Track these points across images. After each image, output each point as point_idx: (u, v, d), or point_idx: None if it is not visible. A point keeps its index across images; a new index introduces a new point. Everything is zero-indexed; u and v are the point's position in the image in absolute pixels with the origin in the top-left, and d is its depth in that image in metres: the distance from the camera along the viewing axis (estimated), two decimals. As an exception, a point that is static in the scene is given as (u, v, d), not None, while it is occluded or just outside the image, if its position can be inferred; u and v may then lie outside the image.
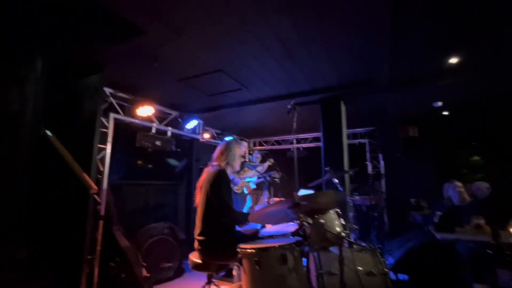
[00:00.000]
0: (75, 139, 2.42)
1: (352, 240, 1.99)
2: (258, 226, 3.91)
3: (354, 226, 2.48)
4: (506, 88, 3.67)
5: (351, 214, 3.43)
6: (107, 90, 3.16)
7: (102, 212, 2.85)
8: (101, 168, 2.98)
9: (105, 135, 3.03)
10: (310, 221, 1.73)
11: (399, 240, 3.82)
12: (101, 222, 2.82)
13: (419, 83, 2.95)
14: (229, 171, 2.46)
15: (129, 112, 3.44)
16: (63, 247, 2.25)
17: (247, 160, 5.36)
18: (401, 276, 3.01)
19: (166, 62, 2.68)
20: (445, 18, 2.12)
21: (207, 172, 2.40)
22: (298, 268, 1.76)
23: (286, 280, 1.68)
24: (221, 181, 2.23)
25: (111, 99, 3.20)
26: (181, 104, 4.01)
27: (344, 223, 2.01)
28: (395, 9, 1.94)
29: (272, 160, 4.47)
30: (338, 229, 1.94)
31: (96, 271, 2.69)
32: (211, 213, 2.16)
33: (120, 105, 3.35)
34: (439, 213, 2.93)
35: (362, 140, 6.25)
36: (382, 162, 6.02)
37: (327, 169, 2.65)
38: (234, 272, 3.17)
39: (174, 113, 4.17)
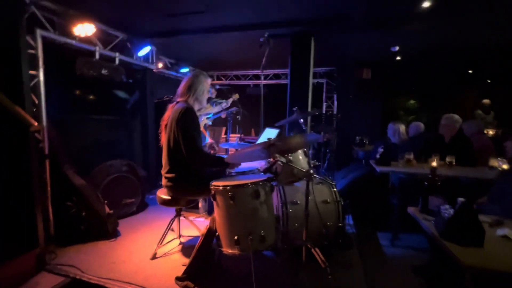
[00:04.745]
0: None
1: (315, 175, 2.20)
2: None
3: (317, 162, 2.72)
4: (457, 40, 3.96)
5: (310, 151, 3.73)
6: (25, -5, 2.36)
7: (46, 151, 2.50)
8: (36, 100, 2.47)
9: (33, 58, 2.40)
10: (284, 160, 1.82)
11: (343, 171, 4.40)
12: (47, 162, 2.51)
13: (390, 25, 2.94)
14: (196, 107, 2.30)
15: (61, 29, 2.72)
16: (8, 191, 1.98)
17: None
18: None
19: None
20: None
21: (173, 109, 2.21)
22: (268, 201, 1.91)
23: (258, 212, 1.83)
24: (188, 121, 2.09)
25: (34, 9, 2.43)
26: (131, 24, 3.31)
27: (309, 161, 2.20)
28: None
29: (237, 96, 4.32)
30: (305, 166, 2.12)
31: (50, 210, 2.52)
32: (179, 153, 2.09)
33: (47, 19, 2.59)
34: (381, 150, 3.38)
35: (320, 80, 6.39)
36: (336, 103, 6.39)
37: (294, 109, 2.69)
38: (200, 204, 3.35)
39: (121, 36, 3.47)
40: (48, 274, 2.14)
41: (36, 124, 1.82)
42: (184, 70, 5.32)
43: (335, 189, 2.47)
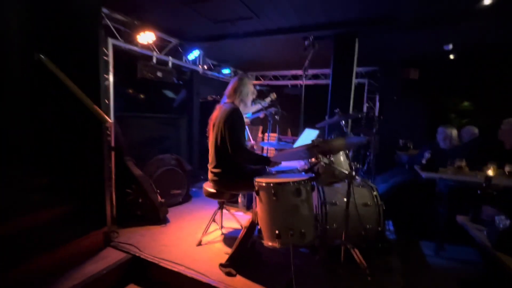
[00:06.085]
0: (77, 68, 2.24)
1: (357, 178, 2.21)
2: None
3: (359, 165, 2.71)
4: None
5: (350, 153, 3.68)
6: (102, 10, 2.75)
7: (113, 144, 2.88)
8: (106, 101, 2.87)
9: (105, 64, 2.79)
10: (327, 161, 1.88)
11: (384, 175, 4.24)
12: (112, 153, 2.89)
13: (443, 24, 2.77)
14: (241, 108, 2.45)
15: (127, 38, 3.10)
16: (83, 176, 2.35)
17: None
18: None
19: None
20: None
21: (220, 110, 2.39)
22: (309, 199, 1.99)
23: (299, 209, 1.92)
24: (234, 121, 2.24)
25: (107, 21, 2.83)
26: (183, 31, 3.63)
27: (351, 163, 2.21)
28: None
29: (274, 95, 4.44)
30: (346, 168, 2.15)
31: (113, 196, 2.90)
32: (225, 150, 2.25)
33: (116, 29, 2.99)
34: (427, 155, 3.21)
35: (361, 80, 6.16)
36: (378, 104, 6.13)
37: (336, 111, 2.70)
38: (239, 199, 3.54)
39: (174, 41, 3.82)
40: (113, 249, 2.49)
41: (110, 121, 2.15)
42: (226, 71, 5.58)
43: (376, 193, 2.45)
